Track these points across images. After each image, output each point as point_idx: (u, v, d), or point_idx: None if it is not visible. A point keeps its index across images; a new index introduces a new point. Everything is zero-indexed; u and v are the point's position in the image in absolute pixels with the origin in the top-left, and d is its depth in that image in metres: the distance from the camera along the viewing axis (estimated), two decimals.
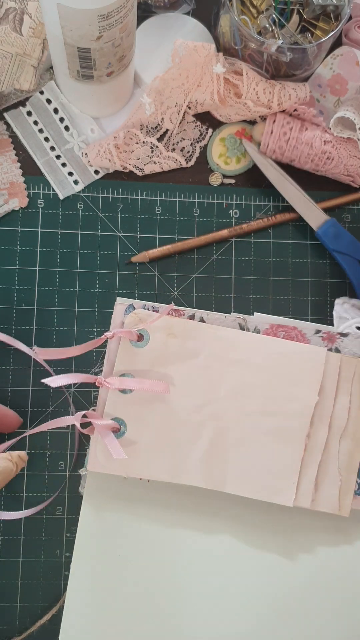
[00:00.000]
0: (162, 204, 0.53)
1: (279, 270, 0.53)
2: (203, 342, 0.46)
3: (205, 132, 0.54)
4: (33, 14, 0.50)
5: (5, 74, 0.51)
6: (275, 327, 0.47)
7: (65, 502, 0.49)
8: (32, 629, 0.47)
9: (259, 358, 0.46)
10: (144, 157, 0.52)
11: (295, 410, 0.45)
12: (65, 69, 0.46)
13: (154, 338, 0.45)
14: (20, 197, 0.51)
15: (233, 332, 0.46)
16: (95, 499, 0.46)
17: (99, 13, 0.39)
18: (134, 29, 0.45)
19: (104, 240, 0.52)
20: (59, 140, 0.52)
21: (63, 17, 0.40)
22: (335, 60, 0.53)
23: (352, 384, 0.46)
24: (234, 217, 0.53)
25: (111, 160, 0.51)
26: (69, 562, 0.48)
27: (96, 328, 0.51)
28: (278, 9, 0.49)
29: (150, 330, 0.45)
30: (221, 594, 0.46)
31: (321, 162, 0.51)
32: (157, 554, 0.47)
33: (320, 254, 0.53)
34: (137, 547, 0.46)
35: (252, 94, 0.50)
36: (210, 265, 0.52)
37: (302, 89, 0.51)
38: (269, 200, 0.54)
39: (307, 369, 0.46)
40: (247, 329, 0.47)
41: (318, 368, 0.46)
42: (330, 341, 0.47)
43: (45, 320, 0.50)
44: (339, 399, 0.46)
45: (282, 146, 0.51)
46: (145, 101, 0.51)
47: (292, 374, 0.46)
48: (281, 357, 0.46)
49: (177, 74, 0.51)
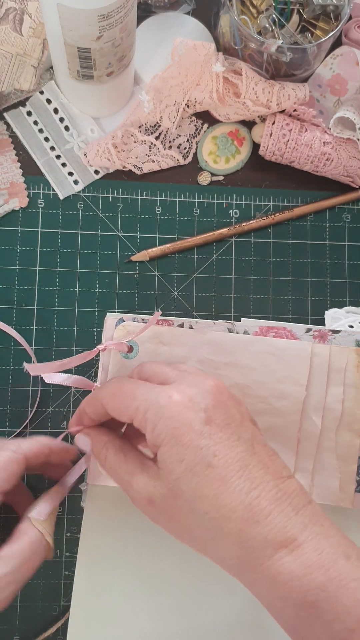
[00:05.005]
0: (162, 204, 0.53)
1: (279, 270, 0.53)
2: (191, 347, 0.46)
3: (200, 128, 0.54)
4: (33, 14, 0.50)
5: (5, 74, 0.51)
6: (264, 329, 0.47)
7: (66, 502, 0.49)
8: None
9: (247, 358, 0.46)
10: (142, 156, 0.52)
11: (285, 407, 0.46)
12: (65, 69, 0.46)
13: (143, 348, 0.45)
14: (20, 197, 0.51)
15: (220, 335, 0.46)
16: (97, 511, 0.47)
17: (99, 13, 0.39)
18: (134, 29, 0.45)
19: (104, 240, 0.52)
20: (59, 140, 0.52)
21: (63, 17, 0.40)
22: (335, 60, 0.53)
23: (344, 374, 0.46)
24: (234, 217, 0.53)
25: (110, 160, 0.51)
26: (69, 562, 0.48)
27: (96, 328, 0.51)
28: (278, 9, 0.49)
29: (139, 341, 0.45)
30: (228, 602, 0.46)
31: (320, 163, 0.51)
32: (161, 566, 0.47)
33: (321, 254, 0.53)
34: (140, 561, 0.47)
35: (251, 93, 0.50)
36: (210, 265, 0.52)
37: (302, 89, 0.51)
38: (269, 200, 0.54)
39: (294, 364, 0.46)
40: (236, 333, 0.47)
41: (304, 363, 0.46)
42: (321, 339, 0.47)
43: (45, 320, 0.50)
44: (331, 390, 0.46)
45: (281, 148, 0.51)
46: (143, 99, 0.51)
47: (280, 371, 0.46)
48: (268, 355, 0.46)
49: (176, 72, 0.51)
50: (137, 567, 0.47)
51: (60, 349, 0.50)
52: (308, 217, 0.54)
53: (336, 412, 0.46)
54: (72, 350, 0.50)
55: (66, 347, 0.50)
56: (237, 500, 0.33)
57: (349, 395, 0.46)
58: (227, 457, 0.34)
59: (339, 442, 0.46)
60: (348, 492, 0.46)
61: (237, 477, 0.34)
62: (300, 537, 0.33)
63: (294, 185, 0.54)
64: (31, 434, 0.49)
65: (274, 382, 0.46)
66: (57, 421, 0.49)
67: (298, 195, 0.54)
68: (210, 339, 0.46)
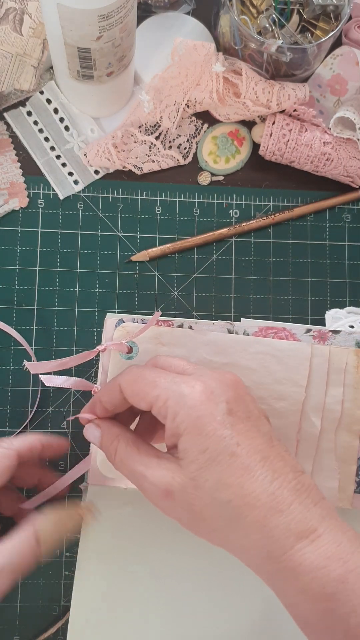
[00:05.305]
0: (162, 204, 0.53)
1: (279, 270, 0.53)
2: (191, 348, 0.46)
3: (200, 128, 0.54)
4: (33, 14, 0.50)
5: (5, 74, 0.51)
6: (264, 329, 0.47)
7: (65, 501, 0.49)
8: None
9: (246, 359, 0.46)
10: (142, 156, 0.52)
11: (284, 408, 0.45)
12: (65, 69, 0.46)
13: (142, 349, 0.45)
14: (20, 197, 0.51)
15: (220, 336, 0.46)
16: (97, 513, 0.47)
17: (99, 13, 0.39)
18: (134, 29, 0.45)
19: (104, 240, 0.52)
20: (59, 140, 0.52)
21: (63, 17, 0.40)
22: (335, 60, 0.53)
23: (344, 375, 0.46)
24: (234, 217, 0.53)
25: (110, 160, 0.51)
26: (69, 562, 0.48)
27: (96, 328, 0.51)
28: (278, 9, 0.49)
29: (139, 341, 0.45)
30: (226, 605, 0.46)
31: (320, 163, 0.51)
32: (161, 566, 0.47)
33: (321, 254, 0.53)
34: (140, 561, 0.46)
35: (251, 93, 0.50)
36: (210, 265, 0.52)
37: (302, 89, 0.51)
38: (269, 200, 0.54)
39: (293, 366, 0.46)
40: (235, 334, 0.47)
41: (304, 364, 0.46)
42: (321, 339, 0.47)
43: (45, 320, 0.50)
44: (331, 391, 0.46)
45: (281, 148, 0.51)
46: (143, 99, 0.51)
47: (279, 373, 0.46)
48: (267, 356, 0.46)
49: (176, 72, 0.51)
50: (137, 567, 0.47)
51: (60, 349, 0.50)
52: (308, 217, 0.54)
53: (335, 413, 0.46)
54: (72, 351, 0.50)
55: (66, 347, 0.50)
56: (261, 489, 0.34)
57: (349, 396, 0.46)
58: (249, 447, 0.34)
59: (338, 443, 0.46)
60: (347, 492, 0.46)
61: (260, 467, 0.34)
62: (320, 528, 0.33)
63: (294, 185, 0.54)
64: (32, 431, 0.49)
65: (273, 383, 0.46)
66: (57, 421, 0.49)
67: (298, 195, 0.54)
68: (209, 339, 0.46)
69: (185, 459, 0.35)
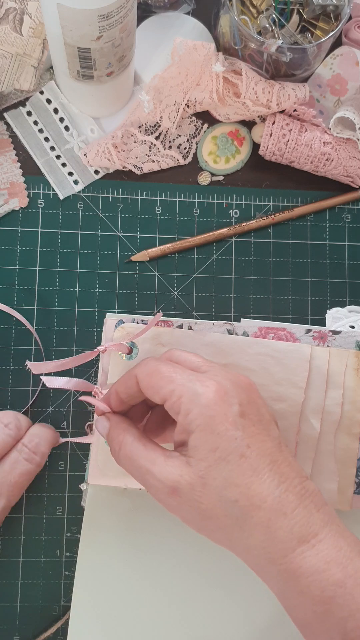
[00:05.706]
0: (162, 204, 0.53)
1: (279, 270, 0.53)
2: (191, 349, 0.46)
3: (200, 128, 0.54)
4: (33, 14, 0.50)
5: (5, 74, 0.51)
6: (264, 329, 0.47)
7: (66, 501, 0.49)
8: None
9: (246, 360, 0.46)
10: (142, 156, 0.52)
11: (284, 409, 0.45)
12: (65, 69, 0.46)
13: (142, 349, 0.45)
14: (20, 197, 0.51)
15: (220, 337, 0.46)
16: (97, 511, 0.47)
17: (99, 13, 0.39)
18: (134, 29, 0.45)
19: (104, 240, 0.52)
20: (59, 140, 0.52)
21: (63, 17, 0.40)
22: (335, 60, 0.53)
23: (344, 377, 0.46)
24: (234, 217, 0.53)
25: (110, 160, 0.51)
26: (69, 562, 0.48)
27: (96, 328, 0.51)
28: (278, 9, 0.49)
29: (139, 342, 0.46)
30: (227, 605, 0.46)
31: (320, 163, 0.51)
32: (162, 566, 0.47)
33: (321, 254, 0.53)
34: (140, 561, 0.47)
35: (251, 93, 0.50)
36: (210, 265, 0.52)
37: (302, 89, 0.51)
38: (269, 200, 0.54)
39: (293, 367, 0.46)
40: (235, 334, 0.47)
41: (303, 365, 0.46)
42: (321, 340, 0.47)
43: (45, 320, 0.50)
44: (330, 393, 0.46)
45: (281, 148, 0.51)
46: (143, 99, 0.51)
47: (279, 374, 0.46)
48: (267, 357, 0.46)
49: (176, 72, 0.51)
50: (138, 567, 0.47)
51: (60, 349, 0.50)
52: (308, 217, 0.54)
53: (335, 415, 0.46)
54: (72, 351, 0.50)
55: (66, 347, 0.50)
56: (268, 491, 0.34)
57: (348, 399, 0.46)
58: (259, 449, 0.35)
59: (337, 446, 0.46)
60: (347, 495, 0.46)
61: (268, 470, 0.35)
62: (321, 534, 0.34)
63: (294, 185, 0.54)
64: None
65: (272, 384, 0.46)
66: (57, 421, 0.49)
67: (298, 195, 0.54)
68: (209, 340, 0.46)
69: (195, 457, 0.35)
